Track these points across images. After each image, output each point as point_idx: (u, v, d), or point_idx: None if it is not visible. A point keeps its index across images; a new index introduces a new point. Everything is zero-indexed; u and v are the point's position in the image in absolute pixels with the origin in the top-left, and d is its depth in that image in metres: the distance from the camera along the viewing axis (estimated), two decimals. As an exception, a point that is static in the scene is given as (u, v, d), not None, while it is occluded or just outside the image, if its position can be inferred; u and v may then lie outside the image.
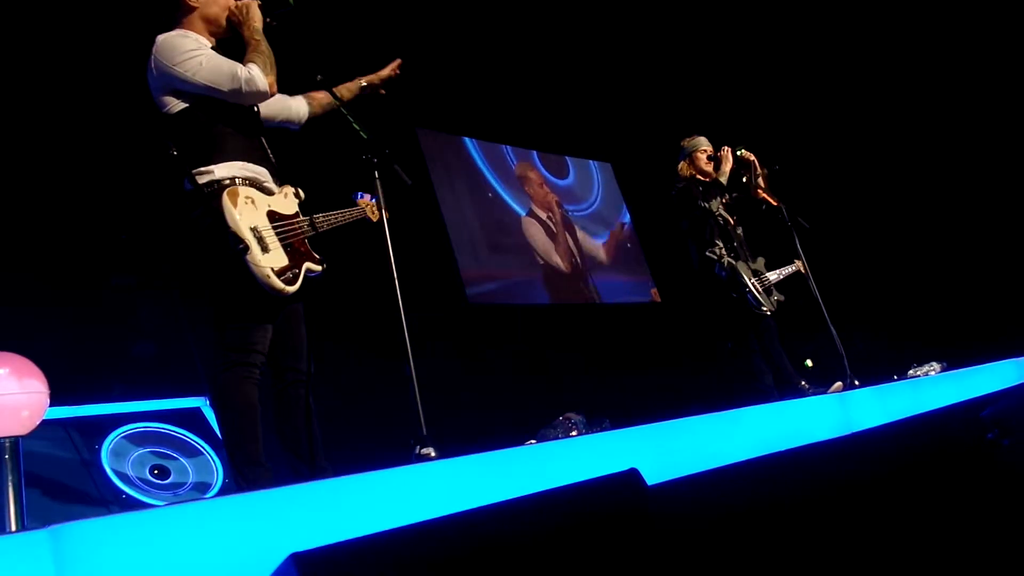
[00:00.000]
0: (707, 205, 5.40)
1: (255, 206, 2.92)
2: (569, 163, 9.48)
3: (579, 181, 9.48)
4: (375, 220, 3.48)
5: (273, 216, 2.98)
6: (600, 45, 8.58)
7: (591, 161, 9.75)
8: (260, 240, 2.86)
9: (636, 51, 8.79)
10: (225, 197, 2.84)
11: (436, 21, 7.20)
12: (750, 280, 5.25)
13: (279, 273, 2.86)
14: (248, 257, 2.79)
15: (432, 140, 7.93)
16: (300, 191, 3.18)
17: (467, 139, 8.29)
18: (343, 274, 3.33)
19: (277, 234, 2.93)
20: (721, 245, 5.35)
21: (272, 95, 3.04)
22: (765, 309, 5.21)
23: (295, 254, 2.98)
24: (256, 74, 2.93)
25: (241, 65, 2.94)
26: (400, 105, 7.03)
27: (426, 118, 7.76)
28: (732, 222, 5.46)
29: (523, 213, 8.46)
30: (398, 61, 3.63)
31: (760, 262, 5.46)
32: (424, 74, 7.28)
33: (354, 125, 3.22)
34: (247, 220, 2.85)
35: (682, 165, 5.64)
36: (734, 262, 5.28)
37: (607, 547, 1.59)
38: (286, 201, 3.09)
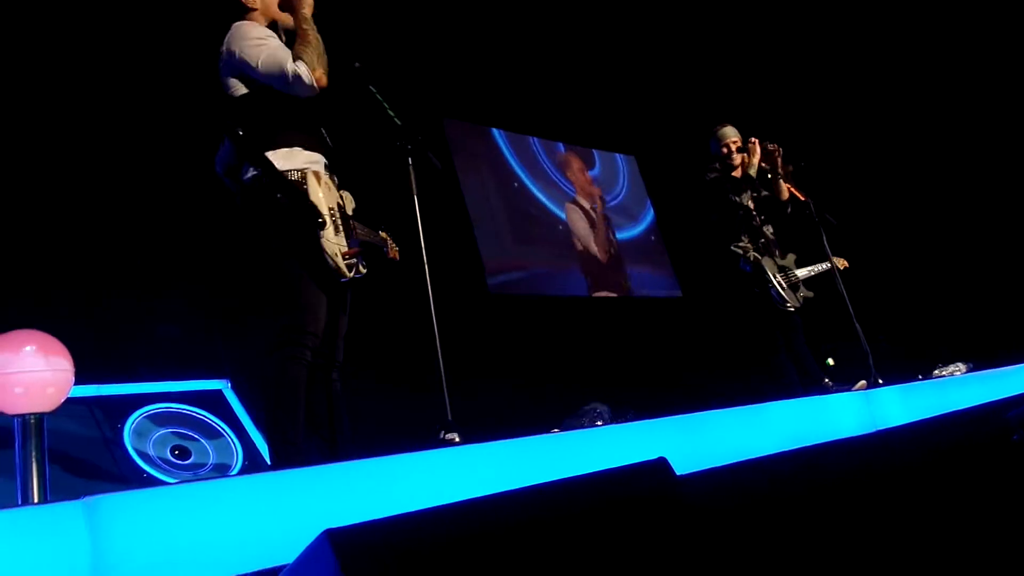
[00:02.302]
0: (737, 199, 5.37)
1: (332, 192, 3.08)
2: (596, 155, 9.45)
3: (605, 173, 9.45)
4: (390, 256, 3.57)
5: (340, 208, 3.12)
6: (627, 37, 8.54)
7: (616, 154, 9.72)
8: (335, 221, 2.99)
9: (662, 44, 8.74)
10: (311, 176, 2.97)
11: (464, 11, 7.19)
12: (775, 276, 5.21)
13: (345, 256, 3.00)
14: (323, 232, 2.91)
15: (458, 130, 7.91)
16: (352, 199, 3.30)
17: (494, 130, 8.27)
18: (374, 263, 3.34)
19: (342, 223, 3.02)
20: (748, 240, 5.32)
21: (320, 88, 3.05)
22: (790, 306, 5.17)
23: (356, 245, 3.09)
24: (303, 71, 2.97)
25: (291, 60, 2.96)
26: (427, 95, 7.08)
27: (453, 109, 7.75)
28: (760, 219, 5.42)
29: (550, 204, 8.43)
30: None
31: (790, 259, 5.43)
32: (451, 65, 7.30)
33: (389, 112, 3.24)
34: (327, 201, 2.99)
35: (714, 155, 5.61)
36: (760, 257, 5.25)
37: (636, 532, 1.58)
38: (346, 202, 3.24)
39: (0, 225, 4.33)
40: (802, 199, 5.30)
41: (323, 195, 2.97)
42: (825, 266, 5.46)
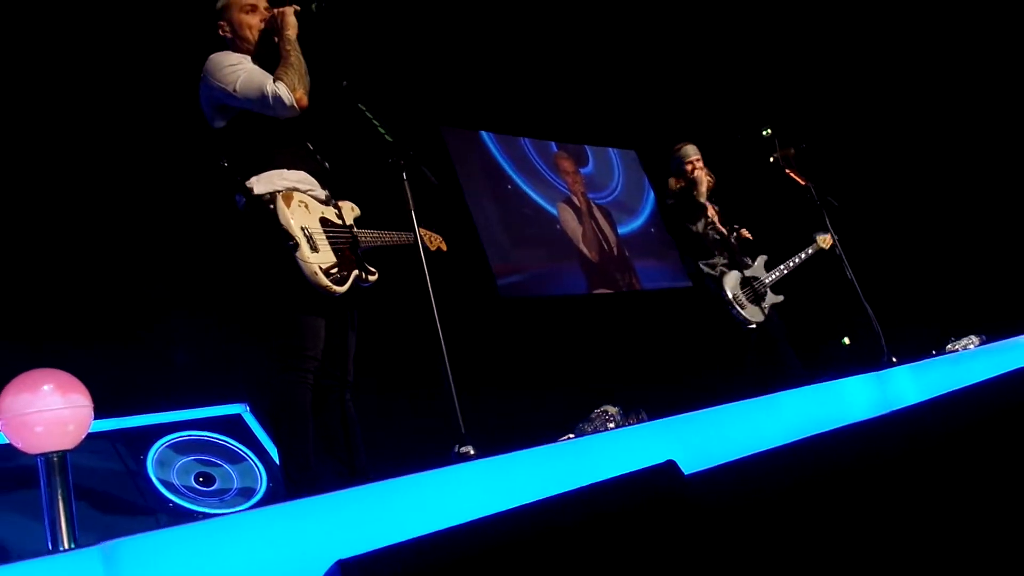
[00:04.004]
0: (694, 227, 5.48)
1: (308, 210, 3.06)
2: (588, 152, 9.46)
3: (598, 169, 9.46)
4: (432, 249, 3.62)
5: (325, 222, 3.11)
6: (622, 27, 8.54)
7: (610, 149, 9.72)
8: (310, 240, 2.99)
9: (658, 31, 8.75)
10: (280, 199, 2.97)
11: (447, 16, 7.21)
12: (735, 296, 5.28)
13: (326, 271, 2.98)
14: (297, 254, 2.91)
15: (453, 137, 7.95)
16: (356, 207, 3.31)
17: (484, 133, 8.30)
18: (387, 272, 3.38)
19: (328, 238, 3.03)
20: (718, 258, 5.45)
21: (301, 109, 3.09)
22: (752, 324, 5.25)
23: (345, 258, 3.08)
24: (283, 92, 3.00)
25: (271, 81, 3.00)
26: (419, 104, 7.11)
27: (442, 115, 7.77)
28: (725, 232, 5.52)
29: (544, 204, 8.46)
30: None
31: (760, 264, 5.51)
32: (440, 70, 7.32)
33: (379, 129, 3.26)
34: (299, 221, 2.98)
35: (671, 180, 5.73)
36: (725, 273, 5.36)
37: (647, 540, 1.61)
38: (342, 213, 3.24)
39: (10, 266, 4.39)
40: (803, 184, 5.30)
41: (295, 215, 2.97)
42: (805, 254, 5.53)
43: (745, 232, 5.57)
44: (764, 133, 5.64)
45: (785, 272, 5.52)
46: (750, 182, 7.41)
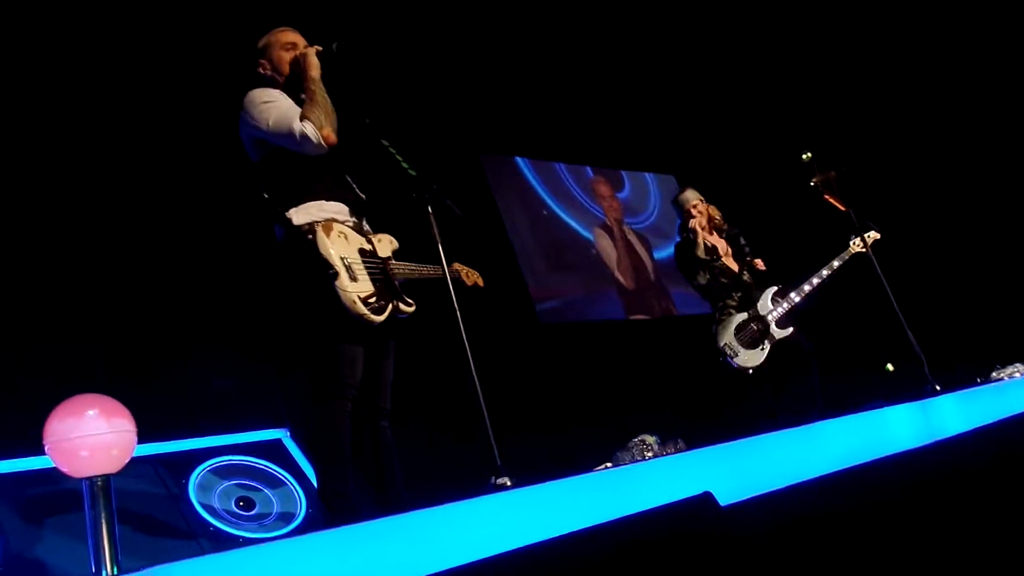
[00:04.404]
0: (697, 278, 5.55)
1: (347, 240, 3.12)
2: (624, 176, 9.47)
3: (634, 194, 9.46)
4: (469, 284, 3.66)
5: (364, 253, 3.16)
6: (660, 51, 8.57)
7: (646, 174, 9.71)
8: (349, 269, 3.03)
9: (698, 55, 8.76)
10: (319, 229, 3.02)
11: (483, 41, 7.28)
12: (724, 343, 5.32)
13: (365, 301, 3.01)
14: (336, 283, 2.95)
15: (491, 164, 8.00)
16: (395, 240, 3.36)
17: (519, 159, 8.34)
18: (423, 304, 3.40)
19: (367, 269, 3.07)
20: (729, 299, 5.47)
21: (329, 146, 3.13)
22: (749, 368, 5.24)
23: (383, 289, 3.11)
24: (309, 131, 3.06)
25: (297, 120, 3.06)
26: (455, 132, 7.17)
27: (479, 141, 7.82)
28: (736, 268, 5.51)
29: (580, 229, 8.47)
30: None
31: (765, 297, 5.44)
32: (477, 97, 7.38)
33: (402, 164, 3.30)
34: (338, 251, 3.02)
35: (681, 224, 5.79)
36: (731, 316, 5.38)
37: (682, 572, 1.60)
38: (380, 245, 3.29)
39: (54, 294, 4.49)
40: (843, 209, 5.25)
41: (335, 245, 3.02)
42: (830, 269, 5.43)
43: (759, 263, 5.51)
44: (804, 157, 5.61)
45: (804, 294, 5.43)
46: (788, 207, 7.38)
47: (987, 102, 8.81)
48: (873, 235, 5.41)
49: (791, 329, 5.34)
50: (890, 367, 8.98)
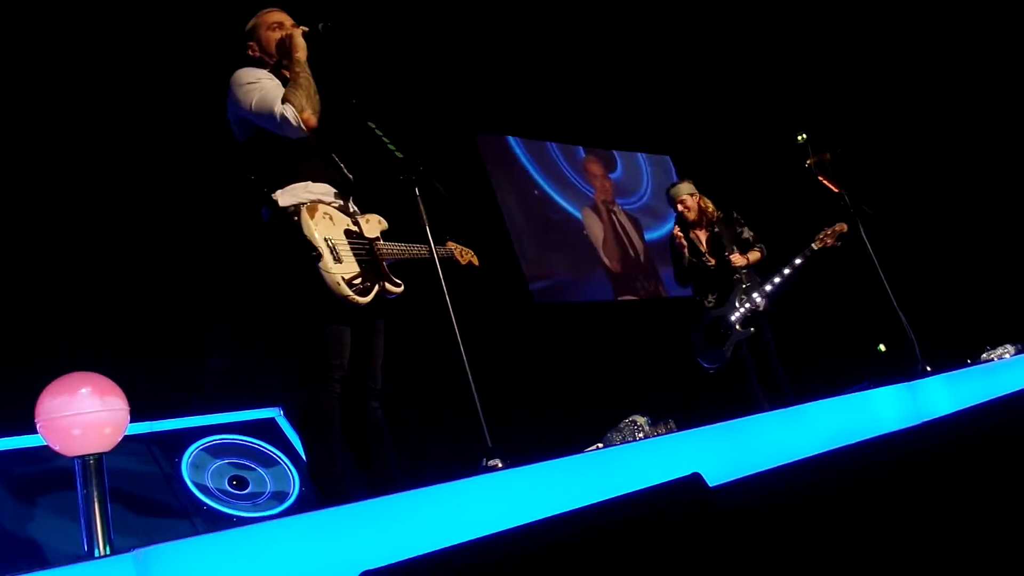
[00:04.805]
0: (683, 280, 5.81)
1: (332, 222, 3.10)
2: (617, 157, 9.45)
3: (627, 175, 9.45)
4: (463, 263, 3.66)
5: (350, 234, 3.15)
6: (657, 32, 8.54)
7: (639, 154, 9.69)
8: (333, 251, 3.02)
9: (694, 35, 8.74)
10: (304, 211, 3.01)
11: (478, 20, 7.25)
12: (693, 342, 5.58)
13: (349, 282, 3.00)
14: (320, 264, 2.95)
15: (486, 144, 7.98)
16: (383, 220, 3.35)
17: (511, 138, 8.32)
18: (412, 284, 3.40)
19: (352, 250, 3.06)
20: (707, 299, 5.64)
21: (309, 129, 3.12)
22: (711, 369, 5.50)
23: (370, 270, 3.11)
24: (289, 114, 3.04)
25: (279, 103, 3.05)
26: (450, 110, 7.15)
27: (473, 120, 7.80)
28: (712, 263, 5.65)
29: (571, 209, 8.47)
30: None
31: (733, 296, 5.53)
32: (471, 76, 7.35)
33: (389, 146, 3.29)
34: (322, 232, 3.02)
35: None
36: (706, 313, 5.59)
37: (671, 553, 1.62)
38: (367, 225, 3.27)
39: (50, 272, 4.48)
40: (836, 191, 5.26)
41: (319, 226, 3.01)
42: (791, 267, 5.55)
43: (735, 259, 5.55)
44: (799, 138, 5.61)
45: (770, 290, 5.54)
46: (782, 188, 7.38)
47: (979, 87, 8.81)
48: (839, 227, 5.55)
49: (751, 330, 5.47)
50: (882, 348, 9.02)
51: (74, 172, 4.75)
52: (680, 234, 5.74)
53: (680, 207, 5.81)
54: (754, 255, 5.65)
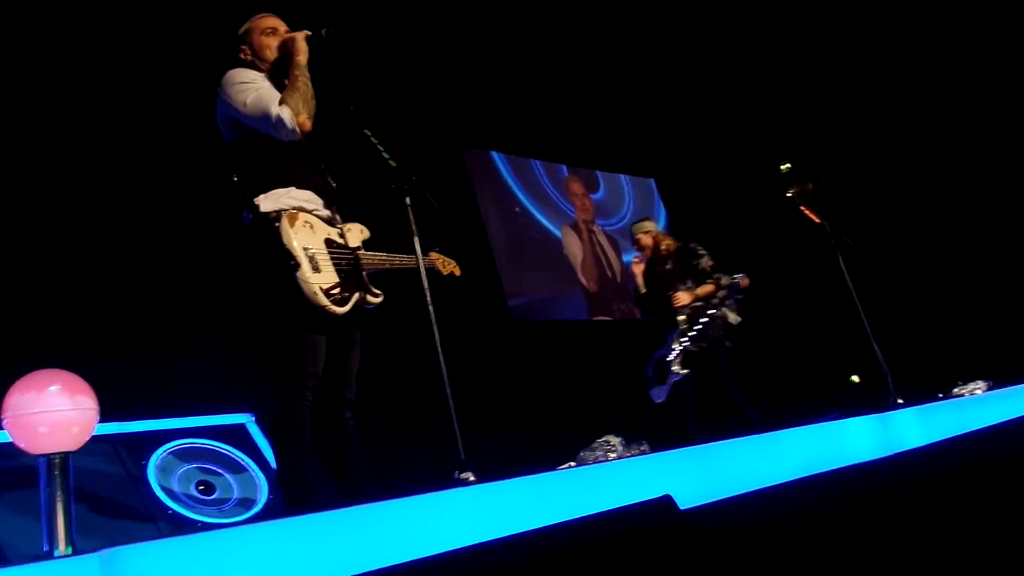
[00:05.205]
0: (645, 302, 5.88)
1: (313, 230, 3.08)
2: (599, 177, 9.49)
3: (609, 196, 9.49)
4: (445, 273, 3.65)
5: (331, 243, 3.13)
6: (649, 58, 8.61)
7: (622, 176, 9.74)
8: (312, 260, 2.99)
9: (684, 64, 8.81)
10: (284, 219, 2.99)
11: (466, 37, 7.28)
12: (647, 375, 5.58)
13: (327, 292, 2.98)
14: (298, 274, 2.92)
15: (471, 158, 8.00)
16: (365, 229, 3.33)
17: (494, 153, 8.33)
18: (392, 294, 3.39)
19: (332, 259, 3.04)
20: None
21: (304, 133, 3.11)
22: (656, 403, 5.49)
23: (349, 280, 3.09)
24: (285, 116, 3.03)
25: (276, 103, 3.04)
26: (437, 124, 7.16)
27: (460, 134, 7.81)
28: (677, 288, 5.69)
29: (552, 228, 8.49)
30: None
31: (671, 337, 5.56)
32: (458, 90, 7.37)
33: (383, 154, 3.29)
34: (302, 241, 2.99)
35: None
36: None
37: (641, 570, 1.61)
38: (349, 235, 3.25)
39: (23, 267, 4.43)
40: (817, 221, 5.28)
41: (299, 235, 2.99)
42: (712, 308, 5.56)
43: (677, 297, 5.56)
44: (782, 168, 5.64)
45: (688, 340, 5.50)
46: (763, 216, 7.42)
47: (959, 123, 8.91)
48: (742, 280, 5.65)
49: (687, 371, 5.46)
50: (855, 379, 9.07)
51: (49, 170, 4.72)
52: (636, 267, 5.90)
53: (635, 247, 5.97)
54: (704, 289, 5.62)
